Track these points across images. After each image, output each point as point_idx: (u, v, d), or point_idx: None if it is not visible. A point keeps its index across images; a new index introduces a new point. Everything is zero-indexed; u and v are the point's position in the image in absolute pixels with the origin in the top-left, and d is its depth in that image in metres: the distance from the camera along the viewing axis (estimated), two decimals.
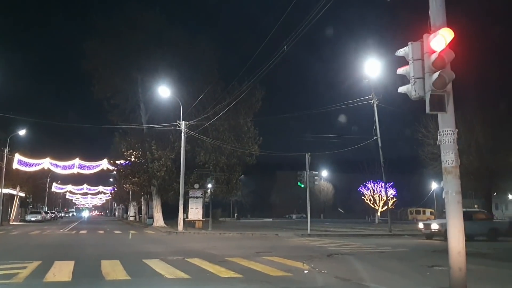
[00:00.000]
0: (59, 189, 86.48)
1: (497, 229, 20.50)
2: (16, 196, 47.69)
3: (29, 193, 56.66)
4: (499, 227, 21.05)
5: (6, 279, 7.73)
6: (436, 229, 19.34)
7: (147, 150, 33.05)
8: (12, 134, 42.23)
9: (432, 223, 20.36)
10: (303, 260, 10.64)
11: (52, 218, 59.59)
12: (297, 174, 73.69)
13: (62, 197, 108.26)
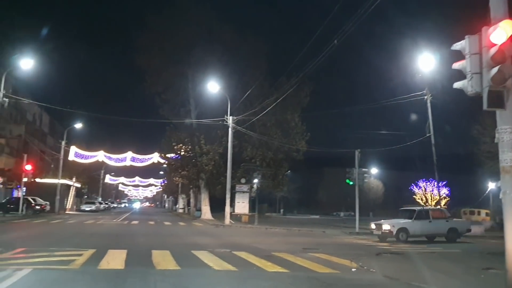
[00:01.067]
0: (112, 181, 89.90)
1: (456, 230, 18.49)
2: (72, 186, 49.86)
3: (84, 184, 59.23)
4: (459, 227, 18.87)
5: (64, 265, 8.13)
6: (387, 230, 17.43)
7: (196, 144, 33.72)
8: (69, 127, 44.27)
9: (384, 223, 18.09)
10: (350, 258, 10.51)
11: (105, 209, 61.93)
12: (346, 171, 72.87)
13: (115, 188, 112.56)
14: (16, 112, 47.41)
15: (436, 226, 18.20)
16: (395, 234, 17.21)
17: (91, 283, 6.75)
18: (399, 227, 17.40)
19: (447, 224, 18.43)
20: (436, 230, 18.34)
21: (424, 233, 18.31)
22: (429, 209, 19.96)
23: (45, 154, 48.39)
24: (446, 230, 18.26)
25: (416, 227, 17.72)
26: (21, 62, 25.59)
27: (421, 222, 17.94)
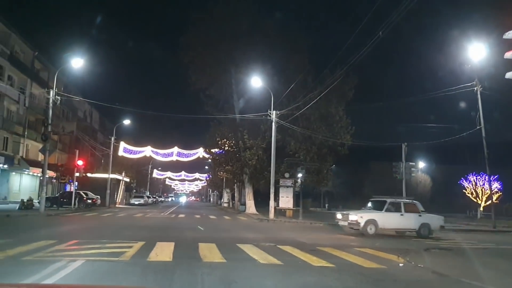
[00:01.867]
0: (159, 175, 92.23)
1: (429, 225, 17.03)
2: (122, 181, 51.45)
3: (133, 179, 61.11)
4: (432, 223, 17.33)
5: (115, 257, 8.43)
6: (354, 221, 16.05)
7: (240, 139, 34.00)
8: (117, 124, 45.72)
9: (350, 213, 16.65)
10: (398, 253, 10.30)
11: (153, 202, 63.59)
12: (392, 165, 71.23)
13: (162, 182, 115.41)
14: (68, 109, 49.51)
15: (408, 220, 16.93)
16: (362, 226, 15.92)
17: (141, 274, 6.94)
18: (367, 219, 16.10)
19: (419, 219, 17.12)
20: (407, 225, 17.03)
21: (394, 227, 17.02)
22: (401, 201, 17.91)
23: (95, 150, 50.29)
24: (418, 226, 16.97)
25: (386, 220, 16.46)
26: (72, 61, 26.64)
27: (393, 214, 16.72)
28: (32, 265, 7.31)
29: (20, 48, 40.73)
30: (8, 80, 37.02)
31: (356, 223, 15.95)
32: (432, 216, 18.18)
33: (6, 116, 37.70)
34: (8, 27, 37.14)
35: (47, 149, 25.73)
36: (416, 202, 18.38)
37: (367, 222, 15.96)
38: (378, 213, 16.55)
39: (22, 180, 42.96)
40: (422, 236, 16.65)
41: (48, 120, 25.74)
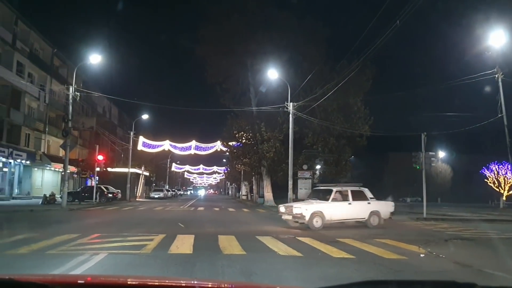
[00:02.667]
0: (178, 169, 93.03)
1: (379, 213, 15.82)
2: (142, 175, 52.07)
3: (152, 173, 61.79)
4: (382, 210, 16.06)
5: (137, 250, 8.56)
6: (299, 214, 14.27)
7: (257, 132, 34.00)
8: (136, 119, 46.19)
9: (294, 206, 14.89)
10: (418, 244, 10.22)
11: (172, 196, 64.22)
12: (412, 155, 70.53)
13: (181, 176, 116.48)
14: (88, 105, 50.15)
15: (357, 209, 15.48)
16: (308, 220, 14.20)
17: (163, 267, 7.04)
18: (313, 211, 14.38)
19: (368, 207, 15.73)
20: (356, 214, 15.54)
21: (342, 218, 15.41)
22: (348, 188, 16.29)
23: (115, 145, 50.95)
24: (367, 214, 15.58)
25: (333, 211, 14.89)
26: (90, 58, 26.95)
27: (340, 204, 15.28)
28: (56, 259, 7.46)
29: (39, 45, 41.36)
30: (28, 78, 37.66)
31: (301, 216, 14.25)
32: (382, 202, 17.08)
33: (27, 113, 38.39)
34: (28, 25, 37.72)
35: (68, 145, 26.14)
36: (364, 188, 17.01)
37: (313, 214, 14.35)
38: (324, 204, 15.03)
39: (44, 176, 43.78)
40: (372, 225, 15.44)
41: (68, 116, 26.12)
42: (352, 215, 15.50)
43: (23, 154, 36.24)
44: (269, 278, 6.27)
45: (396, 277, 6.70)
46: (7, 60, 33.82)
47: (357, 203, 15.53)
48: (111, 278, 2.75)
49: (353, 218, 15.64)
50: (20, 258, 7.59)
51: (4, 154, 33.08)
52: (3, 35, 33.39)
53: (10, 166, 35.89)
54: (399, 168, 79.26)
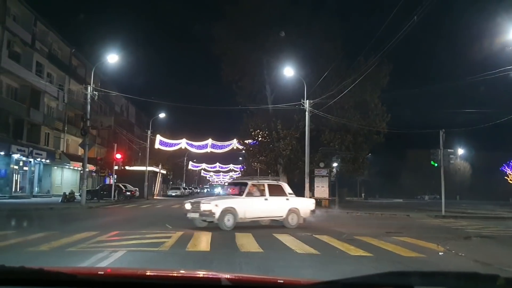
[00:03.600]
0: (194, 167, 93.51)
1: (298, 211, 14.08)
2: (159, 173, 52.50)
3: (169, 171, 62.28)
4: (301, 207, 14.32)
5: (155, 247, 8.64)
6: (208, 211, 12.30)
7: (273, 130, 33.94)
8: (153, 117, 46.58)
9: (202, 202, 12.91)
10: (437, 242, 10.09)
11: (189, 194, 64.58)
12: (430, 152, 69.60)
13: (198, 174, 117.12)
14: (105, 104, 50.77)
15: (274, 206, 13.70)
16: (218, 217, 12.24)
17: (181, 264, 7.10)
18: (224, 207, 12.49)
19: (287, 204, 13.98)
20: (274, 212, 13.75)
21: (258, 216, 13.59)
22: (265, 182, 14.42)
23: (133, 143, 51.45)
24: (285, 212, 13.79)
25: (248, 207, 13.04)
26: (107, 57, 27.25)
27: (256, 200, 13.49)
28: (76, 256, 7.58)
29: (58, 45, 41.98)
30: (48, 77, 38.26)
31: (210, 213, 12.28)
32: (301, 199, 15.82)
33: (47, 113, 39.01)
34: (46, 26, 38.31)
35: (86, 144, 26.49)
36: (283, 183, 15.66)
37: (224, 211, 12.42)
38: (237, 199, 13.18)
39: (64, 174, 44.48)
40: (290, 225, 13.72)
41: (86, 115, 26.46)
42: (269, 213, 13.75)
43: (43, 153, 36.85)
44: (286, 275, 6.26)
45: None
46: (26, 60, 34.41)
47: (275, 199, 13.80)
48: (131, 270, 2.83)
49: (270, 216, 13.92)
50: (41, 255, 7.72)
51: (24, 153, 33.68)
52: (23, 36, 33.97)
53: (30, 165, 36.53)
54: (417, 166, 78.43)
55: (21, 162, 35.29)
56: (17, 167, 35.03)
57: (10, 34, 32.30)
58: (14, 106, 33.08)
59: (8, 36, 32.10)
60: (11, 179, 33.76)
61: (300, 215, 14.11)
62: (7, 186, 32.84)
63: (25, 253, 7.86)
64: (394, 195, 68.82)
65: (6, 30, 31.56)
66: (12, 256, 7.62)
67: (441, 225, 16.99)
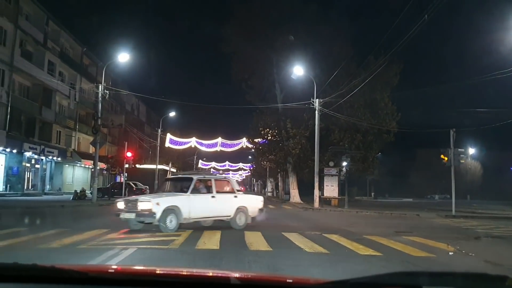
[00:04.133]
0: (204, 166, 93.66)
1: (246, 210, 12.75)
2: (169, 171, 52.76)
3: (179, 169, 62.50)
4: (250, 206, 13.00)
5: (165, 245, 8.70)
6: (147, 210, 10.55)
7: (282, 129, 33.96)
8: (164, 116, 46.82)
9: (140, 199, 11.10)
10: (447, 242, 10.03)
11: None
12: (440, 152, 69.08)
13: None
14: (116, 103, 51.13)
15: (222, 204, 12.33)
16: (159, 218, 10.55)
17: (190, 262, 7.14)
18: (166, 206, 10.80)
19: (235, 202, 12.64)
20: (221, 211, 12.30)
21: (204, 216, 12.09)
22: (212, 177, 12.98)
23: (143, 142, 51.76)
24: (233, 211, 12.41)
25: (194, 206, 11.44)
26: (118, 56, 27.44)
27: (202, 197, 12.00)
28: (87, 253, 7.67)
29: (69, 44, 42.36)
30: (59, 76, 38.64)
31: (150, 213, 10.54)
32: (250, 196, 14.52)
33: (58, 111, 39.39)
34: (58, 25, 38.67)
35: (97, 142, 26.70)
36: (230, 178, 14.05)
37: (167, 210, 10.76)
38: (181, 197, 11.55)
39: (75, 172, 44.89)
40: (238, 226, 12.37)
41: (98, 114, 26.66)
42: (216, 212, 12.26)
43: (55, 151, 37.23)
44: (295, 274, 6.28)
45: None
46: (38, 59, 34.76)
47: (223, 196, 12.51)
48: (141, 268, 2.88)
49: (217, 216, 12.38)
50: (52, 252, 7.82)
51: (36, 151, 34.06)
52: (35, 35, 34.32)
53: (42, 163, 36.92)
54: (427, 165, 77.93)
55: (33, 160, 35.69)
56: (29, 165, 35.43)
57: (23, 33, 32.65)
58: (26, 104, 33.45)
59: (21, 35, 32.45)
60: (23, 177, 34.16)
61: (249, 214, 12.84)
62: (19, 184, 33.23)
63: (36, 250, 7.96)
64: (404, 195, 68.46)
65: (19, 29, 31.90)
66: (24, 253, 7.72)
67: (451, 225, 16.88)
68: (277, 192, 52.25)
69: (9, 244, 8.55)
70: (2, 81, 30.03)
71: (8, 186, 31.90)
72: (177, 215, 10.96)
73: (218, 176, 13.86)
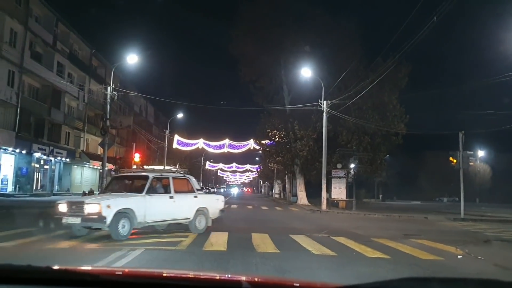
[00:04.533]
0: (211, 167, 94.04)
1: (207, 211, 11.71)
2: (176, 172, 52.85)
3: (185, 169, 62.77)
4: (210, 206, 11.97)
5: (172, 246, 8.72)
6: (95, 214, 9.06)
7: (290, 130, 33.91)
8: (171, 117, 47.01)
9: (87, 201, 9.53)
10: (456, 245, 9.96)
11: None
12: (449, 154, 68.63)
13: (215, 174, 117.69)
14: (125, 104, 51.40)
15: (181, 205, 11.10)
16: (110, 222, 9.09)
17: (197, 263, 7.16)
18: (119, 209, 9.39)
19: (195, 203, 11.48)
20: (180, 213, 11.11)
21: (161, 219, 10.90)
22: (170, 175, 11.66)
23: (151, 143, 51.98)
24: (193, 213, 11.23)
25: (150, 208, 10.19)
26: (127, 58, 27.58)
27: (159, 198, 10.75)
28: (95, 253, 7.72)
29: (78, 46, 42.66)
30: (68, 77, 38.90)
31: (99, 217, 9.03)
32: (210, 196, 13.71)
33: (67, 112, 39.65)
34: (67, 27, 38.96)
35: (106, 143, 26.84)
36: (190, 176, 12.67)
37: (119, 214, 9.33)
38: (136, 198, 10.15)
39: (83, 173, 45.14)
40: (198, 230, 11.24)
41: (106, 115, 26.80)
42: (175, 214, 11.06)
43: (63, 152, 37.48)
44: (303, 277, 6.27)
45: None
46: (48, 61, 35.04)
47: (182, 196, 11.29)
48: (148, 270, 2.89)
49: (175, 219, 11.21)
50: (60, 252, 7.87)
51: (45, 152, 34.30)
52: (44, 37, 34.60)
53: (50, 164, 37.17)
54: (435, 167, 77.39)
55: (42, 160, 35.93)
56: (38, 165, 35.68)
57: (32, 35, 32.92)
58: (35, 105, 33.70)
59: (30, 37, 32.72)
60: (32, 177, 34.41)
61: (209, 216, 11.81)
62: (28, 184, 33.47)
63: (44, 250, 8.02)
64: (412, 197, 68.07)
65: (28, 31, 32.17)
66: (31, 253, 7.79)
67: (460, 228, 16.77)
68: (284, 194, 52.15)
69: (18, 244, 8.61)
70: (12, 82, 30.27)
71: (17, 186, 32.15)
72: (131, 219, 9.57)
73: (176, 175, 12.33)
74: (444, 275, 6.86)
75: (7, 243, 8.67)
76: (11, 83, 30.19)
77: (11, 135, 29.75)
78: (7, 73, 29.73)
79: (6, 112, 30.14)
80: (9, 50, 29.49)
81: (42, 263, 1.96)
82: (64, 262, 6.91)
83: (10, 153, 31.17)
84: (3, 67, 29.08)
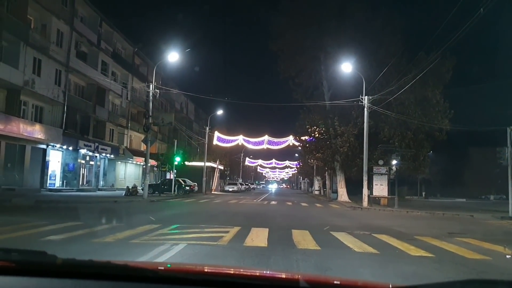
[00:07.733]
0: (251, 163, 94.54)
1: None
2: (216, 168, 53.49)
3: (226, 166, 63.38)
4: None
5: (214, 241, 8.83)
6: None
7: (330, 126, 33.60)
8: (211, 114, 47.53)
9: None
10: (504, 244, 9.60)
11: (245, 189, 65.36)
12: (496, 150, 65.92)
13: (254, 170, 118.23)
14: (166, 102, 52.41)
15: None
16: None
17: (239, 258, 7.21)
18: None
19: None
20: None
21: None
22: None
23: (191, 139, 52.74)
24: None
25: None
26: (168, 56, 28.08)
27: None
28: (140, 248, 7.90)
29: (121, 45, 43.78)
30: (112, 76, 40.01)
31: None
32: None
33: (111, 110, 40.81)
34: (111, 26, 40.04)
35: (148, 140, 27.48)
36: None
37: None
38: None
39: (127, 169, 46.37)
40: None
41: (148, 112, 27.42)
42: None
43: (108, 148, 38.62)
44: (345, 274, 6.22)
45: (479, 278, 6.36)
46: (92, 60, 36.16)
47: None
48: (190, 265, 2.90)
49: None
50: (106, 246, 8.09)
51: (90, 148, 35.45)
52: (89, 36, 35.71)
53: (96, 160, 38.38)
54: (482, 164, 74.65)
55: (88, 157, 37.15)
56: (84, 161, 36.92)
57: (78, 35, 34.04)
58: (81, 103, 34.86)
59: (76, 37, 33.84)
60: (79, 173, 35.64)
61: None
62: (75, 180, 34.70)
63: (90, 244, 8.26)
64: (456, 195, 65.90)
65: (74, 31, 33.27)
66: (78, 246, 8.05)
67: (508, 226, 16.15)
68: (324, 190, 51.72)
69: (66, 238, 8.92)
70: (59, 81, 31.42)
71: (64, 182, 33.41)
72: None
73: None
74: (491, 275, 6.62)
75: (56, 236, 9.01)
76: (58, 82, 31.33)
77: (59, 132, 30.90)
78: (55, 72, 30.87)
79: (53, 110, 31.34)
80: (56, 50, 30.59)
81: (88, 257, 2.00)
82: (109, 256, 7.11)
83: (57, 150, 32.40)
84: (51, 67, 30.21)
